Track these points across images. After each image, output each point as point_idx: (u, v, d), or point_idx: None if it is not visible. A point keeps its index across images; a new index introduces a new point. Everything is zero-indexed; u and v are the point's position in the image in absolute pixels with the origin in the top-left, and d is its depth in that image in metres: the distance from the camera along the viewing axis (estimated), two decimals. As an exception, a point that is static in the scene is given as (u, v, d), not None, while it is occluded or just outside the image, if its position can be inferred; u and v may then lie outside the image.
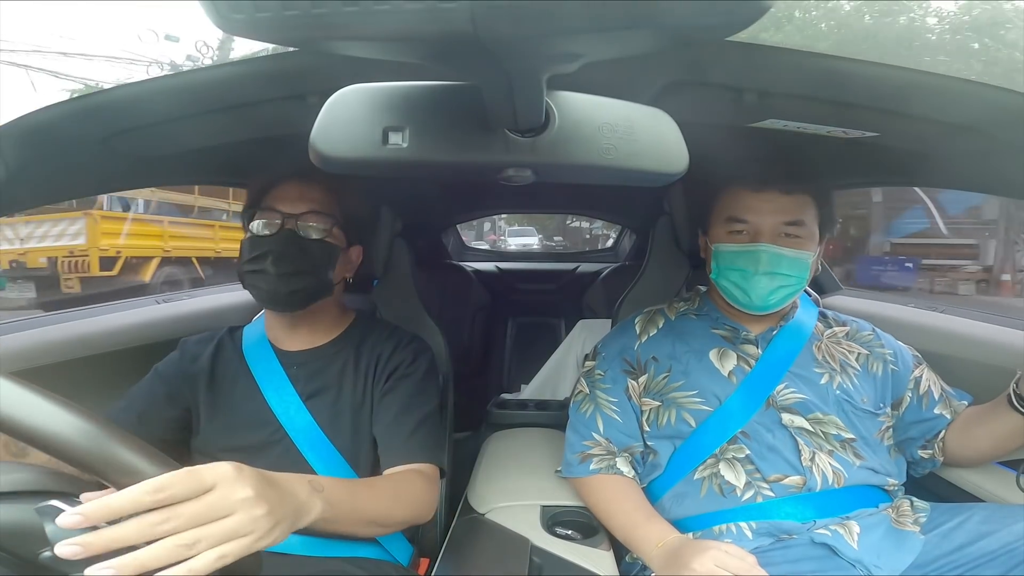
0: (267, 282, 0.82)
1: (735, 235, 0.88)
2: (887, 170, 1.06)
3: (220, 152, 0.88)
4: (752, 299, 0.86)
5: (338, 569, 0.79)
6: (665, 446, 0.87)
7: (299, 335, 0.91)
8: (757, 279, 0.85)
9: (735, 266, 0.87)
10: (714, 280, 0.91)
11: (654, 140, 0.47)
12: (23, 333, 0.97)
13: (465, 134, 0.44)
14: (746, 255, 0.86)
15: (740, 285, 0.87)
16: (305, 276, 0.84)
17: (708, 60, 0.63)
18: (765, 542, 0.78)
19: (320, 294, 0.87)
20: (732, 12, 0.26)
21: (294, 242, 0.83)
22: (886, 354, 0.92)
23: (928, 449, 0.89)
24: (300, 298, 0.85)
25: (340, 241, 0.89)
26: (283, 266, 0.82)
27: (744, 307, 0.88)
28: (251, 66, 0.64)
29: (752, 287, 0.85)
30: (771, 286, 0.85)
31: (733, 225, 0.88)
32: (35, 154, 0.69)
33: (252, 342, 0.92)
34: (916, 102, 0.66)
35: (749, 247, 0.86)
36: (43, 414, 0.39)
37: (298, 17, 0.25)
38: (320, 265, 0.85)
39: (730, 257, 0.88)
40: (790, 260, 0.85)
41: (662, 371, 0.91)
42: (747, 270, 0.86)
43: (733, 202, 0.89)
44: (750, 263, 0.85)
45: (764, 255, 0.84)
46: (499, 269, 2.45)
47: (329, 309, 0.93)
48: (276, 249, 0.82)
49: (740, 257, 0.86)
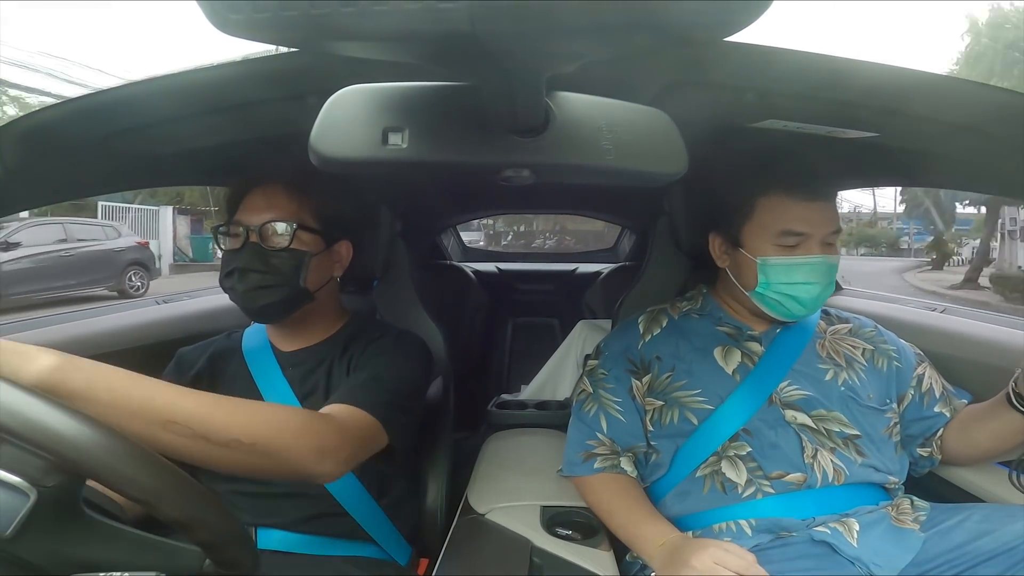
0: (238, 298, 0.82)
1: (787, 248, 0.85)
2: (887, 170, 1.06)
3: (220, 152, 0.88)
4: (806, 308, 0.85)
5: (337, 569, 0.79)
6: (668, 445, 0.87)
7: (296, 336, 0.91)
8: (811, 289, 0.84)
9: (793, 280, 0.84)
10: (760, 293, 0.87)
11: (654, 140, 0.47)
12: (22, 334, 0.97)
13: (465, 134, 0.44)
14: (806, 268, 0.84)
15: (796, 297, 0.84)
16: (274, 289, 0.81)
17: (708, 60, 0.63)
18: (765, 539, 0.78)
19: (298, 302, 0.84)
20: (732, 12, 0.26)
21: (257, 256, 0.81)
22: (890, 350, 0.92)
23: (927, 447, 0.89)
24: (276, 309, 0.83)
25: (311, 245, 0.85)
26: (248, 281, 0.80)
27: (789, 316, 0.87)
28: (251, 66, 0.64)
29: (807, 298, 0.84)
30: (823, 295, 0.85)
31: (787, 239, 0.84)
32: (35, 154, 0.69)
33: (252, 343, 0.92)
34: (916, 102, 0.66)
35: (811, 260, 0.84)
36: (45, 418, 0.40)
37: (296, 18, 0.25)
38: (288, 274, 0.82)
39: (785, 271, 0.84)
40: (834, 267, 0.86)
41: (665, 370, 0.91)
42: (809, 283, 0.84)
43: (784, 213, 0.84)
44: (812, 276, 0.84)
45: (824, 267, 0.84)
46: (499, 270, 2.45)
47: (323, 310, 0.91)
48: (240, 265, 0.81)
49: (798, 270, 0.84)
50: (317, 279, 0.86)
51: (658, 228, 1.30)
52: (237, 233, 0.83)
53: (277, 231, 0.82)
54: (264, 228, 0.82)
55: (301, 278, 0.83)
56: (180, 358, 0.92)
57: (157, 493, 0.44)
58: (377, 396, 0.75)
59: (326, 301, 0.91)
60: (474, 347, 2.19)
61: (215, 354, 0.91)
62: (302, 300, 0.85)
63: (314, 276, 0.85)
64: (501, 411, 1.36)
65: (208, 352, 0.91)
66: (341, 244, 0.91)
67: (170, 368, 0.91)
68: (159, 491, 0.44)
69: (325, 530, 0.82)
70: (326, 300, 0.91)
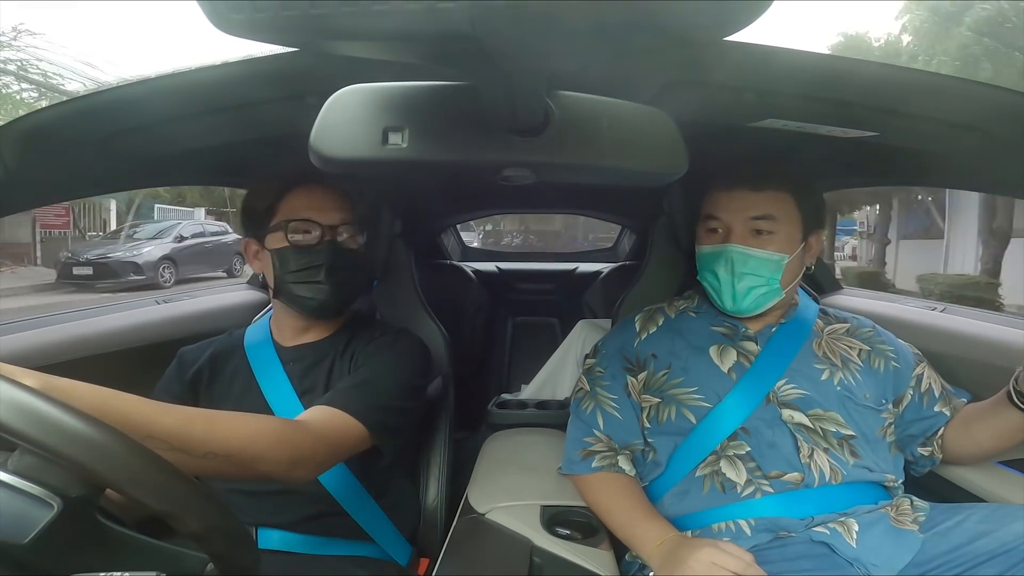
0: (319, 292, 0.84)
1: (711, 234, 0.90)
2: (887, 169, 1.06)
3: (220, 152, 0.88)
4: (724, 302, 0.88)
5: (337, 569, 0.80)
6: (665, 443, 0.87)
7: (300, 332, 0.92)
8: (728, 281, 0.87)
9: (711, 267, 0.89)
10: (699, 281, 0.93)
11: (653, 140, 0.47)
12: (23, 334, 0.97)
13: (465, 134, 0.44)
14: (718, 256, 0.88)
15: (715, 287, 0.89)
16: (350, 285, 0.87)
17: (708, 60, 0.63)
18: (763, 539, 0.78)
19: (356, 299, 0.91)
20: (732, 12, 0.26)
21: (339, 254, 0.85)
22: (887, 351, 0.92)
23: (927, 447, 0.89)
24: (345, 306, 0.89)
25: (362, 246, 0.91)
26: (336, 278, 0.84)
27: (726, 310, 0.90)
28: (251, 66, 0.64)
29: (724, 290, 0.88)
30: (742, 288, 0.86)
31: (708, 223, 0.90)
32: (35, 154, 0.69)
33: (254, 339, 0.93)
34: (916, 101, 0.66)
35: (719, 248, 0.88)
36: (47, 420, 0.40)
37: (297, 17, 0.25)
38: (360, 273, 0.88)
39: (706, 258, 0.91)
40: (758, 260, 0.86)
41: (662, 368, 0.91)
42: (719, 272, 0.88)
43: (708, 201, 0.91)
44: (721, 264, 0.88)
45: (732, 254, 0.86)
46: (499, 269, 2.44)
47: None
48: (326, 261, 0.83)
49: (714, 258, 0.89)
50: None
51: (658, 228, 1.30)
52: (309, 231, 0.85)
53: (351, 233, 0.87)
54: (340, 228, 0.86)
55: (365, 277, 0.90)
56: (182, 356, 0.93)
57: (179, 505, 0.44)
58: (366, 400, 0.77)
59: None
60: (474, 347, 2.19)
61: (216, 352, 0.92)
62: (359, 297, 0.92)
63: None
64: (501, 411, 1.36)
65: (209, 350, 0.93)
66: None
67: (172, 366, 0.92)
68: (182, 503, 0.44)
69: (325, 530, 0.82)
70: None
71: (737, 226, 0.87)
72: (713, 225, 0.90)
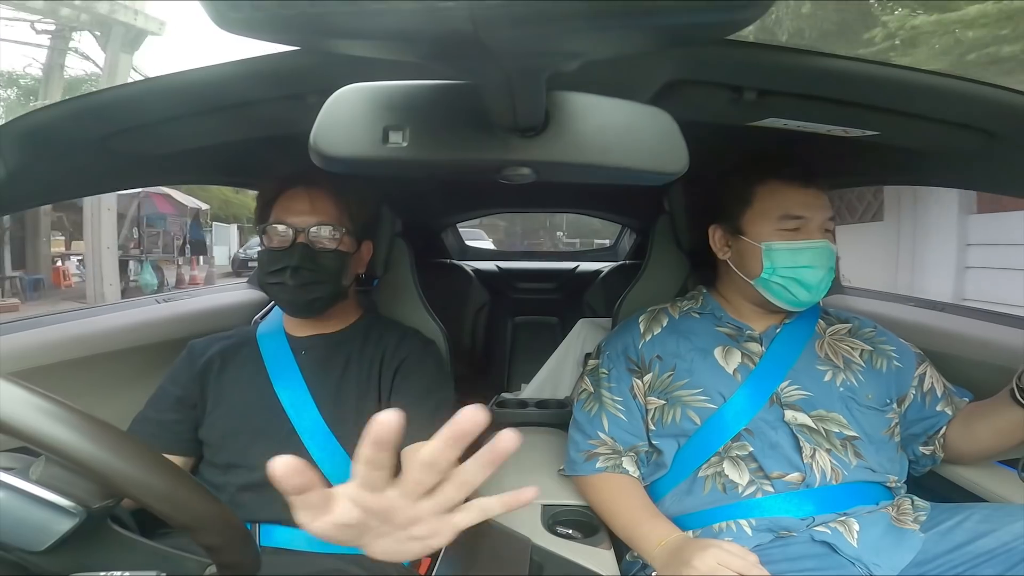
0: (287, 293, 0.86)
1: (789, 232, 0.86)
2: (887, 169, 1.06)
3: (220, 152, 0.88)
4: (812, 294, 0.86)
5: (338, 568, 0.79)
6: (669, 444, 0.87)
7: (314, 326, 0.94)
8: (816, 274, 0.85)
9: (798, 264, 0.85)
10: (765, 279, 0.87)
11: (654, 139, 0.46)
12: (23, 333, 0.97)
13: (465, 133, 0.44)
14: (810, 252, 0.85)
15: (801, 281, 0.85)
16: (321, 285, 0.87)
17: (708, 59, 0.63)
18: (765, 539, 0.78)
19: (337, 299, 0.91)
20: (732, 10, 0.26)
21: (307, 255, 0.86)
22: (890, 351, 0.92)
23: (929, 446, 0.89)
24: (319, 305, 0.89)
25: (350, 247, 0.92)
26: (300, 278, 0.85)
27: (794, 304, 0.87)
28: (251, 65, 0.64)
29: (812, 283, 0.85)
30: (827, 280, 0.86)
31: (787, 223, 0.86)
32: (35, 154, 0.69)
33: (266, 331, 0.96)
34: (916, 101, 0.66)
35: (814, 244, 0.85)
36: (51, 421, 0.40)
37: (295, 16, 0.25)
38: (334, 273, 0.88)
39: (789, 255, 0.85)
40: (833, 254, 0.87)
41: (666, 369, 0.91)
42: (812, 266, 0.85)
43: (783, 199, 0.87)
44: (814, 259, 0.85)
45: (826, 251, 0.86)
46: (499, 268, 2.44)
47: (343, 304, 0.96)
48: (292, 263, 0.85)
49: (802, 254, 0.85)
50: (349, 277, 0.93)
51: (658, 227, 1.30)
52: (285, 234, 0.87)
53: (324, 235, 0.88)
54: (313, 230, 0.87)
55: (344, 277, 0.90)
56: (192, 348, 0.95)
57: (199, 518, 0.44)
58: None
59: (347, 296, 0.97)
60: (474, 346, 2.19)
61: (227, 344, 0.94)
62: (341, 297, 0.92)
63: (349, 274, 0.92)
64: (501, 410, 1.36)
65: (220, 343, 0.94)
66: (365, 244, 0.98)
67: (182, 357, 0.93)
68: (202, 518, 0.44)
69: None
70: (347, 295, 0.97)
71: (816, 224, 0.86)
72: (793, 225, 0.86)
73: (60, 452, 0.39)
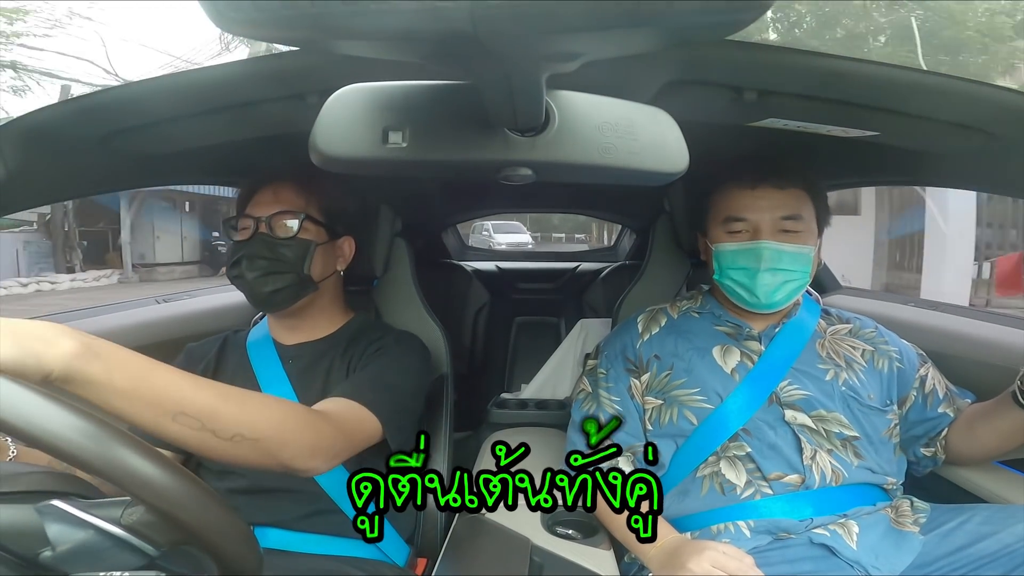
0: (246, 284, 0.85)
1: (734, 235, 0.88)
2: (887, 169, 1.06)
3: (220, 152, 0.88)
4: (759, 297, 0.85)
5: (336, 569, 0.79)
6: (667, 444, 0.87)
7: (299, 331, 0.93)
8: (761, 276, 0.84)
9: (737, 265, 0.87)
10: (717, 281, 0.91)
11: (654, 139, 0.47)
12: None
13: (465, 133, 0.44)
14: (747, 253, 0.86)
15: (744, 284, 0.86)
16: (280, 275, 0.85)
17: (708, 59, 0.63)
18: (763, 541, 0.78)
19: (303, 290, 0.87)
20: (732, 11, 0.26)
21: (265, 244, 0.85)
22: (891, 351, 0.91)
23: (931, 447, 0.89)
24: (282, 296, 0.86)
25: (316, 235, 0.89)
26: (256, 268, 0.84)
27: (751, 306, 0.88)
28: (251, 66, 0.64)
29: (756, 285, 0.85)
30: (775, 282, 0.85)
31: (731, 225, 0.88)
32: (35, 154, 0.69)
33: (256, 337, 0.94)
34: (916, 101, 0.66)
35: (749, 245, 0.86)
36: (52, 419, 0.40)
37: (296, 16, 0.25)
38: (294, 262, 0.85)
39: (731, 256, 0.88)
40: (791, 255, 0.85)
41: (664, 369, 0.91)
42: (750, 268, 0.85)
43: (729, 201, 0.89)
44: (752, 260, 0.85)
45: (765, 251, 0.84)
46: (499, 268, 2.44)
47: (327, 306, 0.94)
48: (248, 252, 0.84)
49: (741, 255, 0.86)
50: (321, 270, 0.90)
51: (658, 227, 1.30)
52: (246, 226, 0.87)
53: (285, 222, 0.86)
54: (272, 219, 0.86)
55: (306, 265, 0.86)
56: (190, 352, 0.94)
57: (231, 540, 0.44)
58: (379, 393, 0.77)
59: (330, 296, 0.94)
60: (474, 346, 2.19)
61: (222, 348, 0.94)
62: (307, 288, 0.88)
63: (319, 266, 0.89)
64: (501, 410, 1.36)
65: (215, 347, 0.94)
66: (344, 239, 0.95)
67: (180, 361, 0.93)
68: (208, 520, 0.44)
69: (322, 528, 0.82)
70: (330, 295, 0.94)
71: (765, 225, 0.86)
72: (737, 227, 0.88)
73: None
